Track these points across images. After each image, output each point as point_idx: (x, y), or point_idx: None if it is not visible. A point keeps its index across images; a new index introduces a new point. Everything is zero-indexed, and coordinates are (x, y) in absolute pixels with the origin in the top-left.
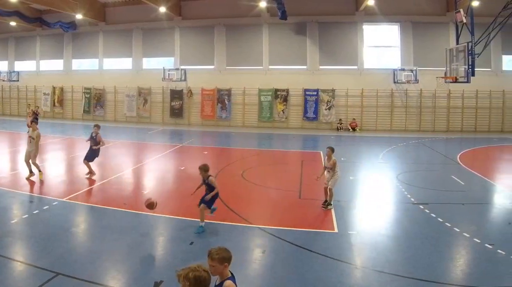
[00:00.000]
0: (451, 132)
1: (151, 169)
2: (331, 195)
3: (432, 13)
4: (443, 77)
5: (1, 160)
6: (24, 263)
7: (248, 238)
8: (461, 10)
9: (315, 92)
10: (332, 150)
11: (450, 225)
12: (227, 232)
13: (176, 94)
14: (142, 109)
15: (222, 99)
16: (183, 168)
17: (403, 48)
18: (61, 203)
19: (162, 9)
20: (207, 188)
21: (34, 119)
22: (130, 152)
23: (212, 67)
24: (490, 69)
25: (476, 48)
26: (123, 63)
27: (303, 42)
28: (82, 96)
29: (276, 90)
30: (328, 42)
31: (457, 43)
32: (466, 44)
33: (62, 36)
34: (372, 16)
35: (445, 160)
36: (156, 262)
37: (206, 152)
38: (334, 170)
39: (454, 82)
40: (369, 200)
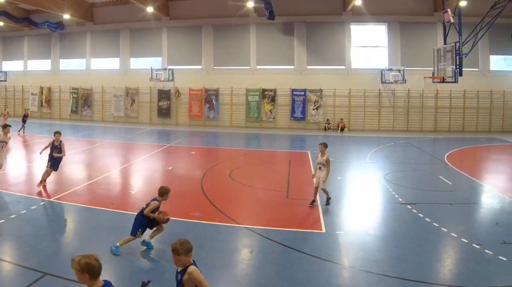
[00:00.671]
0: (439, 132)
1: (139, 169)
2: (326, 193)
3: (419, 13)
4: (430, 77)
5: None
6: (11, 263)
7: (235, 238)
8: (448, 10)
9: (302, 92)
10: (325, 146)
11: (437, 225)
12: (215, 232)
13: (163, 94)
14: (130, 109)
15: (209, 99)
16: (171, 168)
17: (390, 48)
18: (48, 203)
19: (150, 9)
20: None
21: (23, 121)
22: (117, 152)
23: (199, 67)
24: (477, 69)
25: (464, 48)
26: (111, 63)
27: (290, 42)
28: (69, 96)
29: (264, 90)
30: (315, 42)
31: (444, 43)
32: (453, 44)
33: (50, 36)
34: (359, 16)
35: (432, 159)
36: (144, 262)
37: (193, 152)
38: (328, 166)
39: (441, 82)
40: (356, 200)
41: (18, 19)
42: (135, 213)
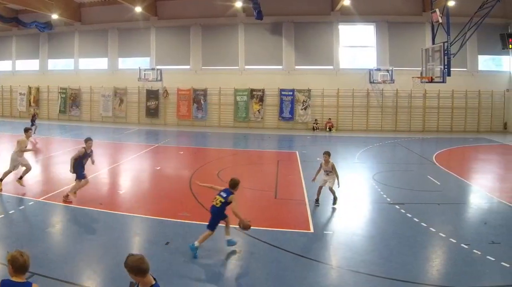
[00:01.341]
0: (427, 132)
1: (127, 169)
2: (333, 192)
3: (408, 13)
4: (419, 77)
5: None
6: None
7: (223, 238)
8: (437, 10)
9: (291, 92)
10: (328, 155)
11: (426, 225)
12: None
13: (152, 94)
14: (118, 109)
15: (198, 99)
16: (159, 168)
17: (379, 48)
18: (37, 203)
19: (138, 9)
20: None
21: (32, 122)
22: (106, 152)
23: (188, 67)
24: (466, 69)
25: (452, 48)
26: (99, 63)
27: (279, 42)
28: (58, 96)
29: (252, 90)
30: (303, 42)
31: (433, 43)
32: (442, 44)
33: (38, 36)
34: (347, 16)
35: (421, 160)
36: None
37: (182, 152)
38: (334, 171)
39: (430, 82)
40: (345, 200)
41: (6, 19)
42: (123, 213)
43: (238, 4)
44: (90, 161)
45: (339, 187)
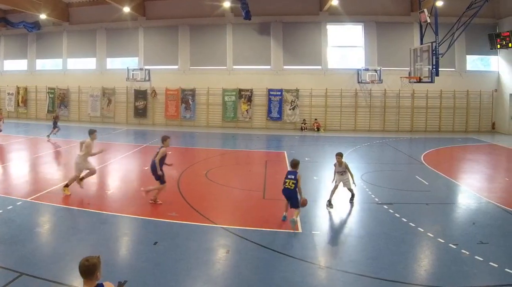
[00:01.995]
0: (415, 132)
1: (115, 168)
2: (351, 191)
3: (396, 13)
4: (407, 77)
5: None
6: None
7: (212, 238)
8: (425, 10)
9: (279, 92)
10: (341, 155)
11: (414, 225)
12: (191, 232)
13: (140, 94)
14: (106, 109)
15: (186, 99)
16: (147, 167)
17: (367, 48)
18: (25, 203)
19: (126, 9)
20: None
21: (54, 124)
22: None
23: (176, 67)
24: (454, 69)
25: (440, 48)
26: (87, 63)
27: (267, 42)
28: (46, 96)
29: (240, 90)
30: (292, 42)
31: (421, 43)
32: (430, 44)
33: (26, 36)
34: (336, 16)
35: (409, 159)
36: (120, 262)
37: (170, 152)
38: (348, 171)
39: (418, 82)
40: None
41: None
42: (112, 213)
43: (226, 4)
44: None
45: (355, 185)
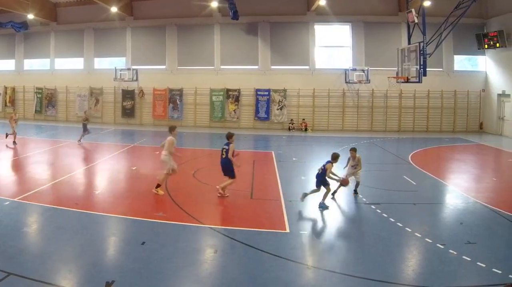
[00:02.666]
0: (403, 132)
1: (103, 168)
2: (358, 183)
3: (384, 13)
4: (394, 77)
5: None
6: None
7: (199, 238)
8: (412, 10)
9: (266, 92)
10: (355, 151)
11: (401, 225)
12: (178, 232)
13: (127, 94)
14: (94, 109)
15: (173, 99)
16: (135, 167)
17: (354, 48)
18: (12, 203)
19: (114, 9)
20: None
21: (84, 127)
22: (81, 151)
23: (163, 67)
24: (441, 69)
25: (428, 48)
26: (75, 63)
27: (254, 42)
28: (33, 96)
29: (228, 90)
30: (279, 42)
31: (408, 43)
32: (417, 44)
33: (14, 36)
34: (323, 16)
35: (396, 159)
36: (108, 262)
37: (157, 152)
38: (360, 164)
39: (405, 82)
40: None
41: None
42: (100, 213)
43: (214, 4)
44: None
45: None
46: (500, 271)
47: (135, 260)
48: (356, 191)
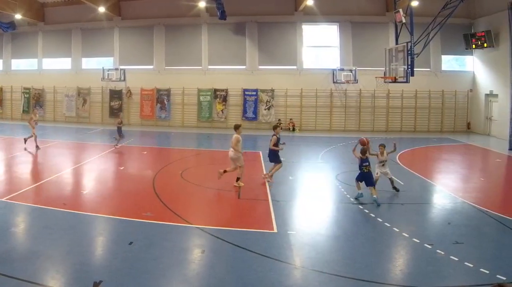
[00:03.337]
0: (391, 132)
1: (91, 169)
2: (392, 180)
3: (371, 13)
4: (382, 77)
5: None
6: None
7: (187, 238)
8: (400, 10)
9: (254, 92)
10: (384, 147)
11: (389, 225)
12: (166, 232)
13: (115, 94)
14: (81, 109)
15: (161, 99)
16: (123, 167)
17: (342, 48)
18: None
19: (102, 9)
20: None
21: (119, 131)
22: (69, 152)
23: (151, 67)
24: (429, 69)
25: (416, 48)
26: (62, 63)
27: (242, 42)
28: (21, 96)
29: (215, 90)
30: (267, 42)
31: (396, 43)
32: (405, 44)
33: (2, 36)
34: (311, 16)
35: None
36: (96, 262)
37: (145, 152)
38: (387, 162)
39: (393, 82)
40: (308, 200)
41: None
42: (87, 213)
43: (202, 4)
44: None
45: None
46: (487, 271)
47: (123, 260)
48: (395, 187)
